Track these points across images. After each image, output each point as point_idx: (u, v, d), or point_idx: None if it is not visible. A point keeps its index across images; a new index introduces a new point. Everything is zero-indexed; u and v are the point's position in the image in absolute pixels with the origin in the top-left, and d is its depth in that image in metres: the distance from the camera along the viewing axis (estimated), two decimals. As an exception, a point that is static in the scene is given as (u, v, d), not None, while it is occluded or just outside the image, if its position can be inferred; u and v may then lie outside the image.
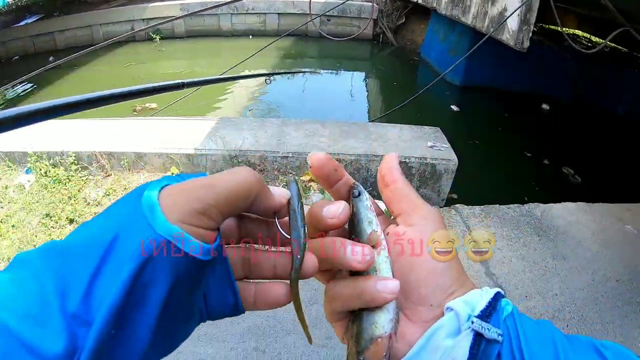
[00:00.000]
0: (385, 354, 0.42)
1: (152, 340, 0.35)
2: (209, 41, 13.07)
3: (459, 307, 0.42)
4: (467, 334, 0.40)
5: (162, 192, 0.37)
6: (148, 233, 0.34)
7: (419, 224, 0.47)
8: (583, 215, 4.20)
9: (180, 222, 0.35)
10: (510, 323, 0.41)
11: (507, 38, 6.24)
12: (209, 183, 0.38)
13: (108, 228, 0.35)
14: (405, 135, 4.68)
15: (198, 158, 4.31)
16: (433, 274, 0.44)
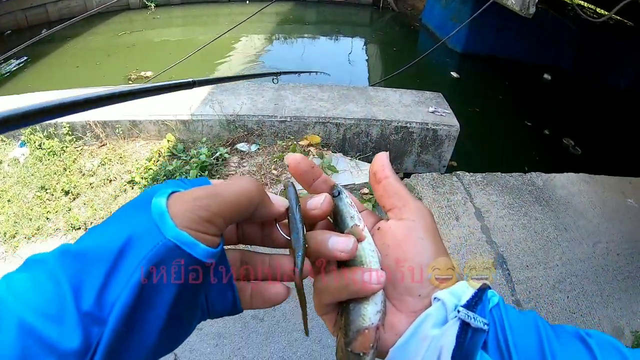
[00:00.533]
0: (372, 345, 0.43)
1: (159, 338, 0.38)
2: (205, 8, 12.79)
3: (445, 297, 0.43)
4: (454, 322, 0.41)
5: (170, 200, 0.39)
6: (159, 238, 0.36)
7: (408, 219, 0.48)
8: (585, 187, 4.16)
9: (187, 229, 0.37)
10: (496, 313, 0.42)
11: (513, 3, 6.05)
12: (214, 193, 0.40)
13: (120, 233, 0.37)
14: (406, 100, 4.60)
15: (194, 124, 4.24)
16: (424, 267, 0.45)
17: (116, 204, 3.70)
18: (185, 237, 0.37)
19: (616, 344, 0.41)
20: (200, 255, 0.38)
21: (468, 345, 0.39)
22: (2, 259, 3.34)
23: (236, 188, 0.42)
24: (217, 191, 0.40)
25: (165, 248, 0.36)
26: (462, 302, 0.42)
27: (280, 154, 4.10)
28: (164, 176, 3.86)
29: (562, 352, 0.39)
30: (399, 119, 4.24)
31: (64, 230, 3.53)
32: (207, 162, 3.91)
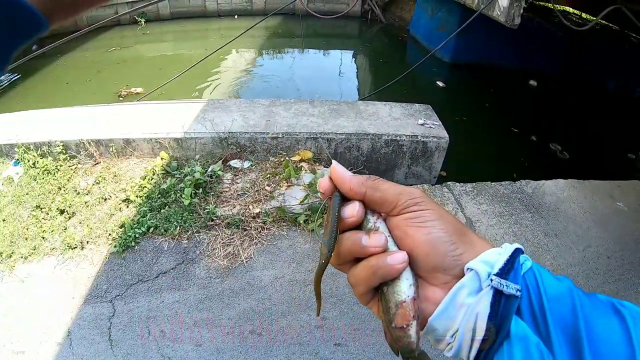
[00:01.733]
0: (413, 315, 0.46)
1: None
2: (194, 23, 12.83)
3: (478, 266, 0.45)
4: (487, 291, 0.43)
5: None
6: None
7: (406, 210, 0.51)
8: (574, 192, 4.23)
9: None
10: (529, 278, 0.44)
11: (498, 14, 6.17)
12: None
13: None
14: (395, 113, 4.66)
15: (187, 142, 4.27)
16: (434, 245, 0.48)
17: (112, 223, 3.71)
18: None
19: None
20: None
21: (502, 311, 0.42)
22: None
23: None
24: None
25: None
26: (495, 270, 0.44)
27: (273, 170, 4.13)
28: (158, 194, 3.87)
29: (596, 321, 0.41)
30: (389, 132, 4.30)
31: (60, 249, 3.52)
32: (201, 180, 3.93)
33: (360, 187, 0.53)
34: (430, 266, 0.48)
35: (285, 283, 3.13)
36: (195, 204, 3.76)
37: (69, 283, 3.26)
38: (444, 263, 0.47)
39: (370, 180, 0.54)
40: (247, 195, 3.89)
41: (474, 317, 0.43)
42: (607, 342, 0.40)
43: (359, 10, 12.80)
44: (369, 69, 10.60)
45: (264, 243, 3.52)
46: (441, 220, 0.49)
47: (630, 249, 3.65)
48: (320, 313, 0.58)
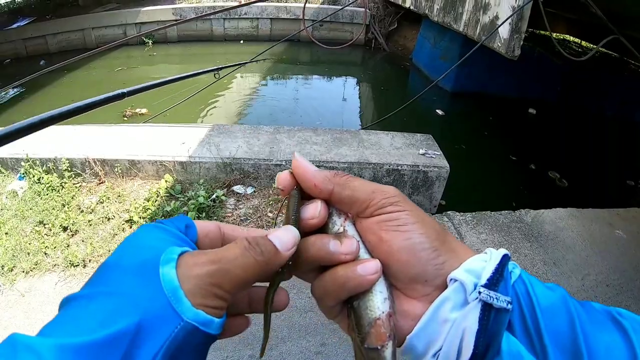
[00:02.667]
0: (389, 335, 0.41)
1: None
2: (201, 46, 13.07)
3: (463, 277, 0.40)
4: (475, 305, 0.38)
5: (179, 271, 0.37)
6: (176, 321, 0.34)
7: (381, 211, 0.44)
8: (573, 221, 4.26)
9: (203, 307, 0.36)
10: (520, 288, 0.40)
11: (499, 46, 6.30)
12: (223, 269, 0.38)
13: (128, 315, 0.33)
14: (397, 142, 4.72)
15: (192, 165, 4.32)
16: (414, 252, 0.42)
17: (114, 242, 3.73)
18: (202, 317, 0.35)
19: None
20: (215, 330, 0.37)
21: (492, 327, 0.37)
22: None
23: (244, 260, 0.39)
24: (226, 266, 0.38)
25: (184, 332, 0.34)
26: (482, 281, 0.39)
27: (276, 197, 4.17)
28: (161, 217, 3.89)
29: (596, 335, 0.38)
30: (391, 161, 4.34)
31: (62, 266, 3.54)
32: (204, 204, 3.96)
33: (326, 184, 0.46)
34: (408, 276, 0.42)
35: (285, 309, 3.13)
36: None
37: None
38: (425, 273, 0.42)
39: (339, 176, 0.47)
40: (249, 221, 3.92)
41: (460, 334, 0.38)
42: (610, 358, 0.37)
43: (362, 39, 13.02)
44: (372, 97, 10.72)
45: (264, 268, 3.51)
46: (421, 223, 0.43)
47: (630, 276, 3.66)
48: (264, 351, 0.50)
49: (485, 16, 6.77)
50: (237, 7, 11.41)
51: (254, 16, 13.06)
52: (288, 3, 12.99)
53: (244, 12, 12.89)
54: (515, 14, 5.69)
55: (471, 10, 7.24)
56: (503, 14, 6.15)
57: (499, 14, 6.35)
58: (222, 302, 0.38)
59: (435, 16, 8.85)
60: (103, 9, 12.96)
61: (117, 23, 12.46)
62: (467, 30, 7.43)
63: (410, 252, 0.42)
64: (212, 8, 11.99)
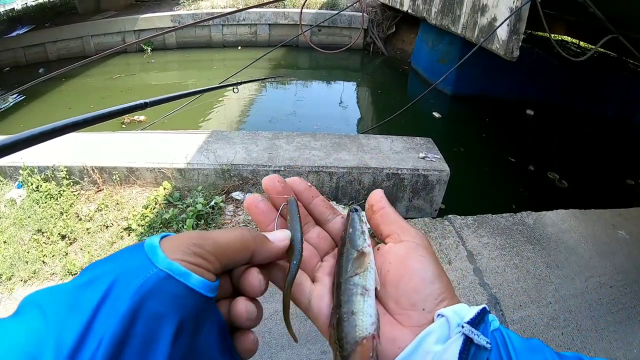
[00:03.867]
0: (371, 355, 0.43)
1: None
2: (199, 52, 13.09)
3: (449, 314, 0.43)
4: (457, 338, 0.41)
5: (162, 239, 0.40)
6: (149, 268, 0.36)
7: (408, 241, 0.51)
8: (575, 222, 4.23)
9: (180, 260, 0.38)
10: (498, 335, 0.43)
11: (497, 47, 6.29)
12: (207, 235, 0.41)
13: (111, 268, 0.37)
14: (397, 146, 4.70)
15: (190, 172, 4.30)
16: (424, 282, 0.47)
17: (113, 250, 3.71)
18: (177, 267, 0.37)
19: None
20: (196, 285, 0.37)
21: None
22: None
23: (229, 232, 0.43)
24: (210, 234, 0.42)
25: (156, 277, 0.36)
26: (466, 319, 0.42)
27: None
28: (160, 224, 3.88)
29: None
30: (391, 166, 4.33)
31: (60, 275, 3.52)
32: (203, 211, 3.94)
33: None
34: (410, 301, 0.47)
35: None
36: (197, 236, 3.75)
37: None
38: (426, 303, 0.46)
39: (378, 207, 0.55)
40: (248, 228, 3.89)
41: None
42: None
43: (361, 43, 13.02)
44: (371, 101, 10.71)
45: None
46: (438, 266, 0.49)
47: (633, 277, 3.62)
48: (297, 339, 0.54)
49: (484, 18, 6.76)
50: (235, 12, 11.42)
51: (253, 22, 13.08)
52: (286, 9, 13.01)
53: (242, 18, 12.90)
54: (513, 15, 5.68)
55: (469, 12, 7.23)
56: (501, 16, 6.14)
57: (497, 16, 6.34)
58: (203, 261, 0.39)
59: (433, 19, 8.85)
60: (102, 17, 13.00)
61: (115, 30, 12.50)
62: (466, 33, 7.42)
63: (422, 280, 0.47)
64: (211, 14, 12.01)
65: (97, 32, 12.45)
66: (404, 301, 0.47)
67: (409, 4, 10.24)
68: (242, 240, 0.43)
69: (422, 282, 0.47)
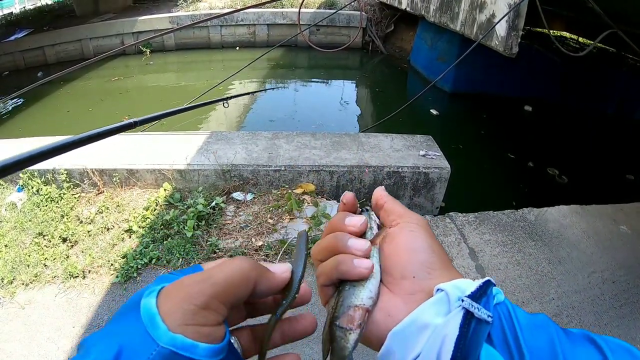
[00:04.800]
0: (359, 323, 0.45)
1: None
2: (198, 53, 13.09)
3: (449, 288, 0.42)
4: (458, 312, 0.40)
5: (160, 296, 0.37)
6: (151, 347, 0.34)
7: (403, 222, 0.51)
8: (577, 218, 4.23)
9: (183, 326, 0.35)
10: (502, 309, 0.42)
11: (496, 44, 6.28)
12: (205, 276, 0.39)
13: (110, 345, 0.34)
14: (397, 144, 4.69)
15: (190, 173, 4.29)
16: (415, 252, 0.47)
17: (114, 253, 3.71)
18: (181, 341, 0.34)
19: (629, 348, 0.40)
20: (203, 355, 0.35)
21: (472, 336, 0.38)
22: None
23: (228, 267, 0.40)
24: (209, 274, 0.39)
25: (160, 357, 0.33)
26: (466, 293, 0.41)
27: (276, 202, 4.14)
28: (161, 226, 3.88)
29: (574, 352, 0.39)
30: (391, 164, 4.32)
31: (62, 277, 3.52)
32: (204, 212, 3.93)
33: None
34: (401, 272, 0.47)
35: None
36: (198, 236, 3.76)
37: (70, 311, 3.25)
38: (417, 272, 0.46)
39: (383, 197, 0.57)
40: (249, 228, 3.89)
41: (439, 341, 0.39)
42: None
43: (360, 42, 13.02)
44: (370, 100, 10.70)
45: (266, 275, 3.49)
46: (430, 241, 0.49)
47: (636, 272, 3.62)
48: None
49: (482, 15, 6.75)
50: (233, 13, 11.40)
51: (251, 22, 13.06)
52: (284, 8, 13.00)
53: (241, 18, 12.89)
54: (512, 11, 5.67)
55: (467, 9, 7.22)
56: (499, 12, 6.13)
57: (495, 12, 6.34)
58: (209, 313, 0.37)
59: (432, 17, 8.84)
60: (100, 19, 12.99)
61: (114, 33, 12.49)
62: (464, 30, 7.41)
63: (412, 253, 0.47)
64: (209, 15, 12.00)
65: (96, 35, 12.44)
66: (396, 273, 0.47)
67: (407, 2, 10.23)
68: (241, 272, 0.41)
69: (412, 252, 0.47)
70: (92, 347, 0.35)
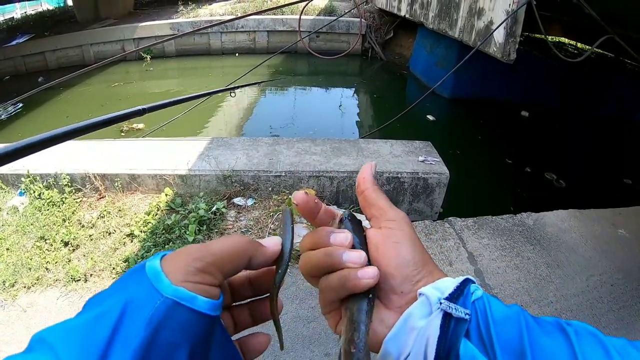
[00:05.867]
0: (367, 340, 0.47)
1: None
2: (198, 60, 13.14)
3: (429, 292, 0.46)
4: (437, 314, 0.44)
5: (163, 260, 0.41)
6: (157, 298, 0.37)
7: (385, 226, 0.52)
8: (575, 222, 4.25)
9: (184, 282, 0.38)
10: (479, 305, 0.45)
11: (494, 50, 6.33)
12: (205, 246, 0.43)
13: (117, 299, 0.37)
14: (396, 150, 4.72)
15: (191, 179, 4.32)
16: (399, 267, 0.49)
17: (116, 256, 3.73)
18: (183, 292, 0.38)
19: (594, 332, 0.44)
20: (202, 307, 0.38)
21: (451, 334, 0.42)
22: (1, 308, 3.35)
23: (226, 240, 0.45)
24: (208, 245, 0.43)
25: (164, 306, 0.37)
26: (445, 295, 0.45)
27: (276, 208, 4.16)
28: (162, 230, 3.89)
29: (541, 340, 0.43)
30: (390, 169, 4.34)
31: (63, 281, 3.53)
32: (205, 217, 3.95)
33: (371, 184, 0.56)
34: (388, 286, 0.49)
35: (288, 319, 3.11)
36: (199, 241, 3.77)
37: (72, 315, 3.24)
38: (402, 286, 0.48)
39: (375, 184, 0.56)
40: (250, 233, 3.91)
41: (424, 340, 0.44)
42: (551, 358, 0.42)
43: (359, 48, 13.08)
44: (370, 106, 10.74)
45: (267, 279, 3.50)
46: (413, 246, 0.50)
47: (634, 275, 3.64)
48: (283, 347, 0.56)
49: (480, 21, 6.81)
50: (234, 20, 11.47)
51: (251, 29, 13.14)
52: (285, 15, 13.07)
53: (241, 25, 12.96)
54: (509, 18, 5.73)
55: (466, 16, 7.28)
56: (497, 19, 6.19)
57: (493, 19, 6.39)
58: (207, 275, 0.40)
59: (431, 23, 8.90)
60: (100, 25, 13.06)
61: (115, 39, 12.56)
62: (463, 36, 7.47)
63: (397, 267, 0.49)
64: (209, 22, 12.06)
65: (97, 41, 12.51)
66: (385, 287, 0.49)
67: (407, 9, 10.31)
68: (238, 246, 0.45)
69: (397, 268, 0.49)
70: (97, 304, 0.39)
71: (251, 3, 14.32)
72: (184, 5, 13.49)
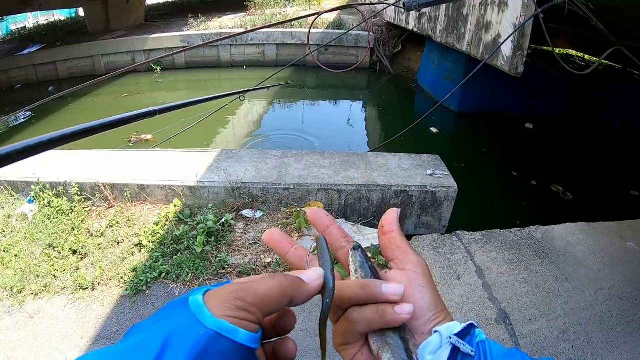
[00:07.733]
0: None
1: None
2: (207, 72, 13.25)
3: (442, 329, 0.51)
4: (446, 347, 0.49)
5: (206, 295, 0.42)
6: (199, 329, 0.38)
7: (409, 270, 0.56)
8: (583, 235, 4.22)
9: (225, 317, 0.39)
10: (482, 346, 0.50)
11: (502, 64, 6.34)
12: (247, 286, 0.43)
13: (160, 329, 0.39)
14: (404, 164, 4.73)
15: (201, 190, 4.34)
16: (422, 310, 0.53)
17: (124, 266, 3.74)
18: (224, 324, 0.39)
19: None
20: (242, 339, 0.39)
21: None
22: (8, 313, 3.37)
23: (270, 282, 0.45)
24: (250, 285, 0.44)
25: (207, 337, 0.38)
26: (454, 332, 0.50)
27: (285, 220, 4.16)
28: (171, 241, 3.91)
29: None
30: (399, 183, 4.35)
31: (71, 289, 3.54)
32: (213, 228, 3.96)
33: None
34: (412, 327, 0.52)
35: (295, 332, 3.09)
36: (208, 252, 3.79)
37: (79, 323, 3.27)
38: (424, 327, 0.53)
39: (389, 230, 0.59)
40: (258, 245, 3.92)
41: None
42: None
43: (368, 62, 13.14)
44: (378, 119, 10.76)
45: (274, 292, 3.48)
46: (434, 290, 0.55)
47: (643, 288, 3.61)
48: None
49: (488, 35, 6.83)
50: (244, 34, 11.57)
51: (260, 42, 13.25)
52: (294, 29, 13.16)
53: (250, 38, 13.08)
54: (517, 31, 5.73)
55: (473, 29, 7.30)
56: (505, 32, 6.20)
57: (501, 32, 6.40)
58: (247, 314, 0.41)
59: (439, 37, 8.93)
60: (112, 37, 13.22)
61: (125, 50, 12.71)
62: (470, 50, 7.48)
63: (421, 309, 0.53)
64: (219, 35, 12.17)
65: (108, 52, 12.67)
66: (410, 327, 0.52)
67: (415, 22, 10.36)
68: (280, 288, 0.45)
69: (421, 311, 0.53)
70: (139, 332, 0.40)
71: (260, 16, 14.45)
72: (194, 18, 13.62)
